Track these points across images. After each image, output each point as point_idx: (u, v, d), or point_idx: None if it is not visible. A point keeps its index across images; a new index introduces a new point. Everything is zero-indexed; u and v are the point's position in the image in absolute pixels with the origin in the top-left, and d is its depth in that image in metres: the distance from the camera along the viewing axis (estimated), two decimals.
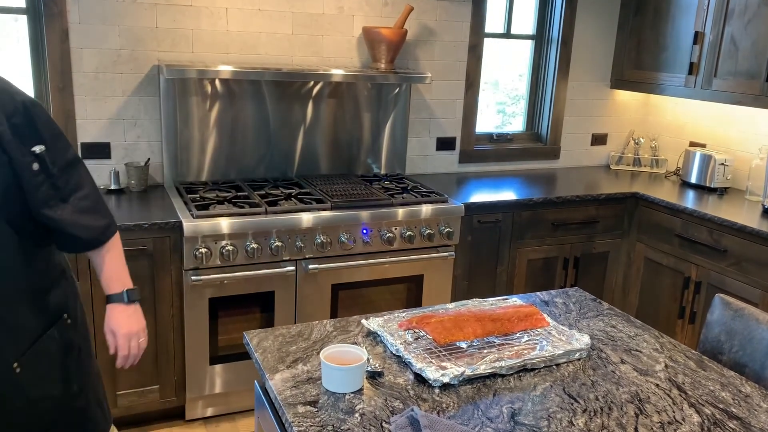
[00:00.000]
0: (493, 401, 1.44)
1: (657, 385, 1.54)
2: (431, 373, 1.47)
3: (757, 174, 3.35)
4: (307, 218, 2.73)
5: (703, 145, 3.79)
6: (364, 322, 1.73)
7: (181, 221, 2.57)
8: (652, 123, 4.14)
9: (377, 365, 1.53)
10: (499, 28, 3.76)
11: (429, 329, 1.63)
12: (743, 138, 3.59)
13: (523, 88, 3.99)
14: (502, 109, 4.02)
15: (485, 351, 1.60)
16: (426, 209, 2.95)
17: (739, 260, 2.97)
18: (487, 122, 3.91)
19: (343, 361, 1.44)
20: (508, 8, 3.74)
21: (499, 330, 1.68)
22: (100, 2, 2.81)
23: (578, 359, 1.64)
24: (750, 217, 3.05)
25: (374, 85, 3.35)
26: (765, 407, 1.48)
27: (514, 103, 4.04)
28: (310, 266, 2.77)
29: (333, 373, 1.42)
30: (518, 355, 1.59)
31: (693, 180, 3.62)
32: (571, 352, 1.64)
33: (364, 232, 2.85)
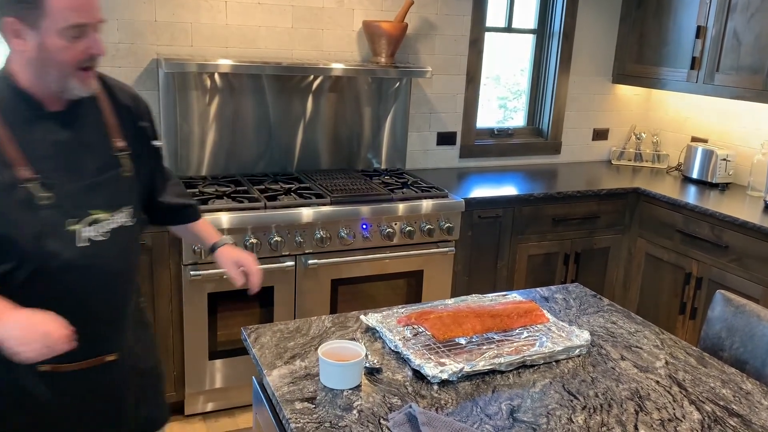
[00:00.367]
0: (492, 398, 1.43)
1: (657, 382, 1.53)
2: (430, 370, 1.47)
3: (759, 169, 3.33)
4: (307, 213, 2.72)
5: (705, 141, 3.77)
6: (362, 318, 1.72)
7: None
8: (654, 118, 4.12)
9: (375, 361, 1.52)
10: (501, 22, 3.74)
11: (428, 325, 1.62)
12: (745, 133, 3.57)
13: (525, 83, 3.97)
14: (503, 104, 4.01)
15: (484, 347, 1.60)
16: (426, 204, 2.93)
17: (740, 256, 2.96)
18: (489, 117, 3.89)
19: (341, 358, 1.44)
20: (509, 2, 3.72)
21: (498, 326, 1.67)
22: None
23: (578, 356, 1.64)
24: (751, 213, 3.03)
25: (374, 79, 3.33)
26: (766, 404, 1.47)
27: (515, 97, 4.02)
28: (310, 261, 2.76)
29: (331, 369, 1.42)
30: (517, 352, 1.58)
31: (694, 175, 3.61)
32: (571, 349, 1.63)
33: (364, 227, 2.84)
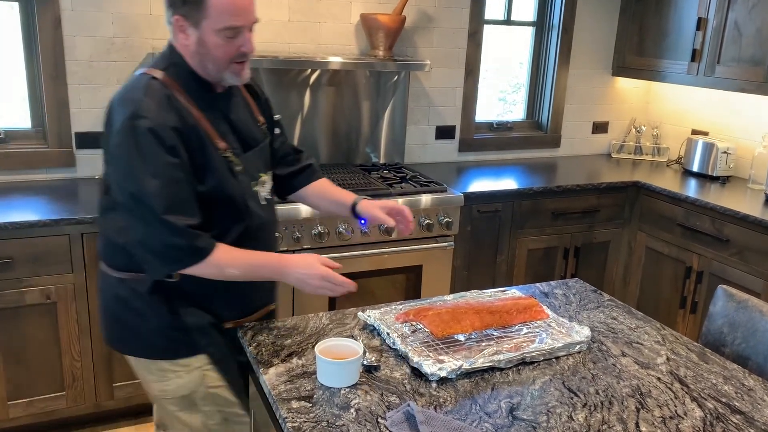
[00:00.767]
0: (491, 396, 1.41)
1: (658, 379, 1.52)
2: (428, 367, 1.45)
3: (760, 162, 3.31)
4: (305, 208, 2.70)
5: (706, 133, 3.75)
6: (360, 314, 1.70)
7: None
8: (654, 111, 4.10)
9: (373, 359, 1.50)
10: (499, 14, 3.70)
11: (426, 322, 1.60)
12: (746, 126, 3.54)
13: (524, 76, 3.94)
14: (503, 98, 3.98)
15: (483, 344, 1.58)
16: (425, 199, 2.91)
17: (741, 250, 2.94)
18: (488, 111, 3.87)
19: (338, 355, 1.42)
20: None
21: (497, 322, 1.65)
22: None
23: (578, 352, 1.62)
24: (752, 206, 3.01)
25: (372, 72, 3.31)
26: None
27: (514, 91, 4.00)
28: None
29: (328, 367, 1.40)
30: (517, 348, 1.56)
31: (695, 168, 3.58)
32: (571, 345, 1.61)
33: (362, 222, 2.80)
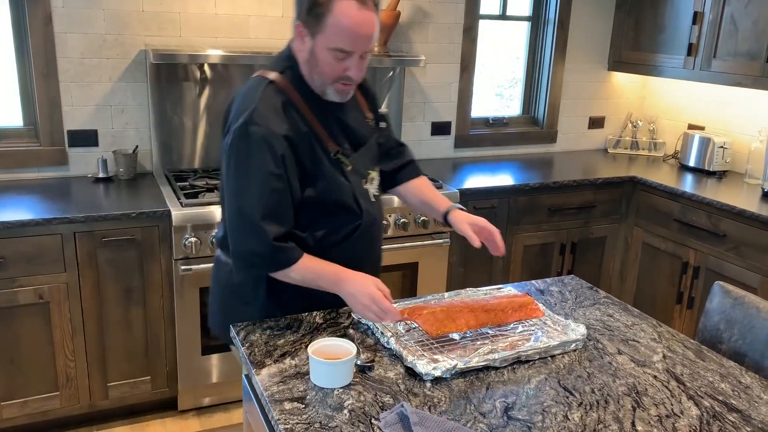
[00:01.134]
0: (486, 395, 1.39)
1: (655, 377, 1.50)
2: (423, 367, 1.43)
3: (757, 157, 3.30)
4: None
5: (702, 128, 3.73)
6: (354, 314, 1.68)
7: (169, 210, 2.52)
8: (650, 105, 4.08)
9: (367, 359, 1.49)
10: (495, 9, 3.68)
11: (421, 321, 1.58)
12: (743, 120, 3.53)
13: (520, 72, 3.92)
14: (499, 93, 3.96)
15: (478, 343, 1.56)
16: None
17: (737, 245, 2.93)
18: (484, 106, 3.85)
19: (331, 356, 1.40)
20: None
21: (492, 321, 1.64)
22: None
23: (574, 350, 1.60)
24: (749, 201, 3.00)
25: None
26: (765, 399, 1.44)
27: (511, 86, 3.98)
28: None
29: (321, 367, 1.38)
30: (512, 347, 1.54)
31: (691, 163, 3.57)
32: (567, 343, 1.59)
33: None
